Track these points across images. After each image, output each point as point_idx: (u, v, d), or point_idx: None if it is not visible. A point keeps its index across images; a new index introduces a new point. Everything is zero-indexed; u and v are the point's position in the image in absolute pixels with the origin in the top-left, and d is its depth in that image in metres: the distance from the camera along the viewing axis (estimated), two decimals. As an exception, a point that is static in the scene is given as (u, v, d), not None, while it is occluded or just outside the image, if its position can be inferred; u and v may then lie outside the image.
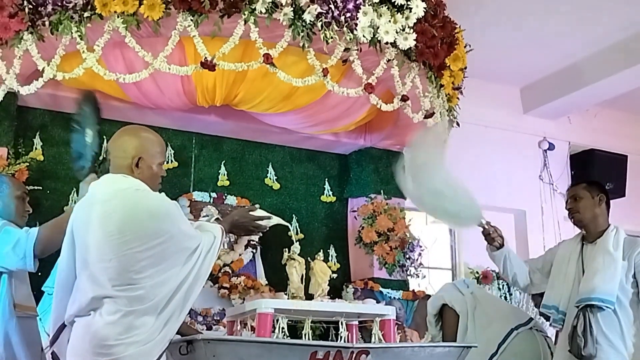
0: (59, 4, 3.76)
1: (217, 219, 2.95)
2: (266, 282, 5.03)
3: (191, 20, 3.81)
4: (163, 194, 2.74)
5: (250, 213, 3.11)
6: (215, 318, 4.69)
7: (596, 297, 3.50)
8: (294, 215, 5.51)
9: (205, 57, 3.89)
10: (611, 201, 3.85)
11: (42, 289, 3.84)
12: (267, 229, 3.21)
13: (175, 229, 2.61)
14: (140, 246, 2.52)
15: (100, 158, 2.89)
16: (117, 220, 2.54)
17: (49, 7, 3.78)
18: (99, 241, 2.55)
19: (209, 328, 4.62)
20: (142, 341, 2.49)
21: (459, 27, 4.74)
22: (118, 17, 3.77)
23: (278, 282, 4.64)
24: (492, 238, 3.73)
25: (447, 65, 4.64)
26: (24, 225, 3.30)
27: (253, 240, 5.18)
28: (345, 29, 4.06)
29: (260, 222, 3.11)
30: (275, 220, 3.21)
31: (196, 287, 2.65)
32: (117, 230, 2.53)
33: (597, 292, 3.51)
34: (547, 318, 3.85)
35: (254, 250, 5.19)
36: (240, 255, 5.09)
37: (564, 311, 3.67)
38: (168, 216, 2.63)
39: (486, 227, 3.70)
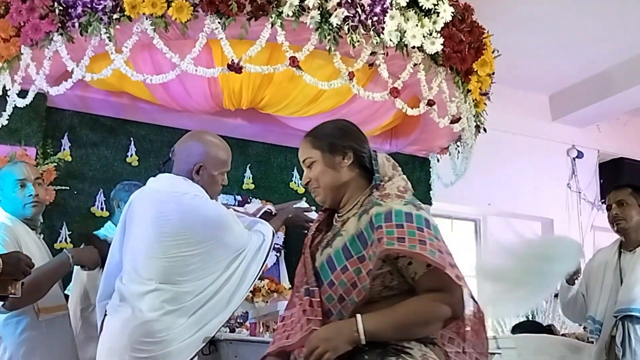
0: (89, 5, 3.80)
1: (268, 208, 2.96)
2: (289, 286, 5.02)
3: (218, 22, 3.83)
4: (220, 202, 2.75)
5: (305, 214, 3.13)
6: (238, 321, 4.69)
7: (636, 308, 3.42)
8: (318, 219, 5.49)
9: (232, 60, 3.90)
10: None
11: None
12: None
13: (227, 237, 2.64)
14: (191, 251, 2.56)
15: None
16: (172, 224, 2.57)
17: (79, 9, 3.82)
18: (151, 239, 2.58)
19: (232, 330, 4.60)
20: (179, 339, 2.52)
21: (487, 32, 4.70)
22: (147, 19, 3.79)
23: (301, 286, 4.63)
24: (574, 280, 3.66)
25: (475, 70, 4.60)
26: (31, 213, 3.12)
27: (277, 244, 5.18)
28: (372, 32, 4.04)
29: (311, 224, 3.12)
30: None
31: (240, 289, 2.66)
32: (171, 233, 2.56)
33: (638, 302, 3.43)
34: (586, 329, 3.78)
35: (278, 254, 5.19)
36: (264, 258, 5.09)
37: (600, 321, 3.57)
38: (222, 224, 2.66)
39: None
